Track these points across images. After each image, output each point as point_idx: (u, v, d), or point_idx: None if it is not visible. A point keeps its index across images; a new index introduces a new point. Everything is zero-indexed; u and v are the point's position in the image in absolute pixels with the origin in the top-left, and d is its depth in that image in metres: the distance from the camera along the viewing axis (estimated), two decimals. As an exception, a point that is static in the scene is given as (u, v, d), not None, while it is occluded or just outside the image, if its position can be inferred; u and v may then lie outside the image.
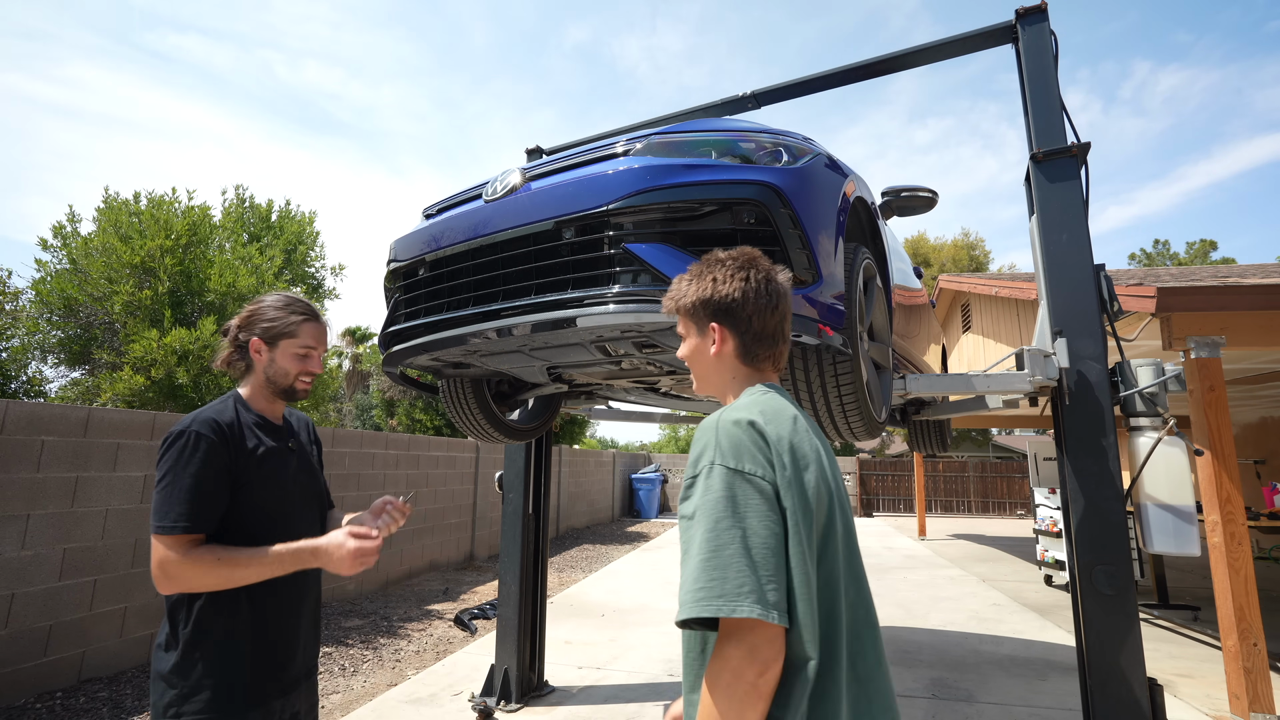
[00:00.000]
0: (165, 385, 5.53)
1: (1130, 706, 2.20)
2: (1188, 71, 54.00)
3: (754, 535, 0.87)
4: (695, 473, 0.94)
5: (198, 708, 1.29)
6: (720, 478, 0.91)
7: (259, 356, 1.51)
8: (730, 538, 0.86)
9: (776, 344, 1.12)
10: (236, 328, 1.53)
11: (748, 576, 0.84)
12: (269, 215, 9.52)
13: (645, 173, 1.76)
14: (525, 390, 3.15)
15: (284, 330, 1.51)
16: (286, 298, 1.57)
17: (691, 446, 1.00)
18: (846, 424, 2.04)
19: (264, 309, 1.54)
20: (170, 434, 1.35)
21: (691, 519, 0.91)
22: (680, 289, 1.15)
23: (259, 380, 1.52)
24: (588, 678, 4.10)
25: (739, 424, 0.96)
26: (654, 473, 16.09)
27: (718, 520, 0.88)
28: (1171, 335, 3.84)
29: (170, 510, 1.29)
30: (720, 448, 0.93)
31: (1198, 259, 27.76)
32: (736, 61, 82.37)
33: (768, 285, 1.10)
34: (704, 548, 0.86)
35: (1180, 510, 2.26)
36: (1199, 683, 4.11)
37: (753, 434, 0.94)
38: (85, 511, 3.77)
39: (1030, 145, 2.67)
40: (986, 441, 24.59)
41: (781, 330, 1.13)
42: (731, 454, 0.92)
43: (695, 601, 0.84)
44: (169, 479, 1.31)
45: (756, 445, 0.93)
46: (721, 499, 0.89)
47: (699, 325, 1.13)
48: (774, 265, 1.15)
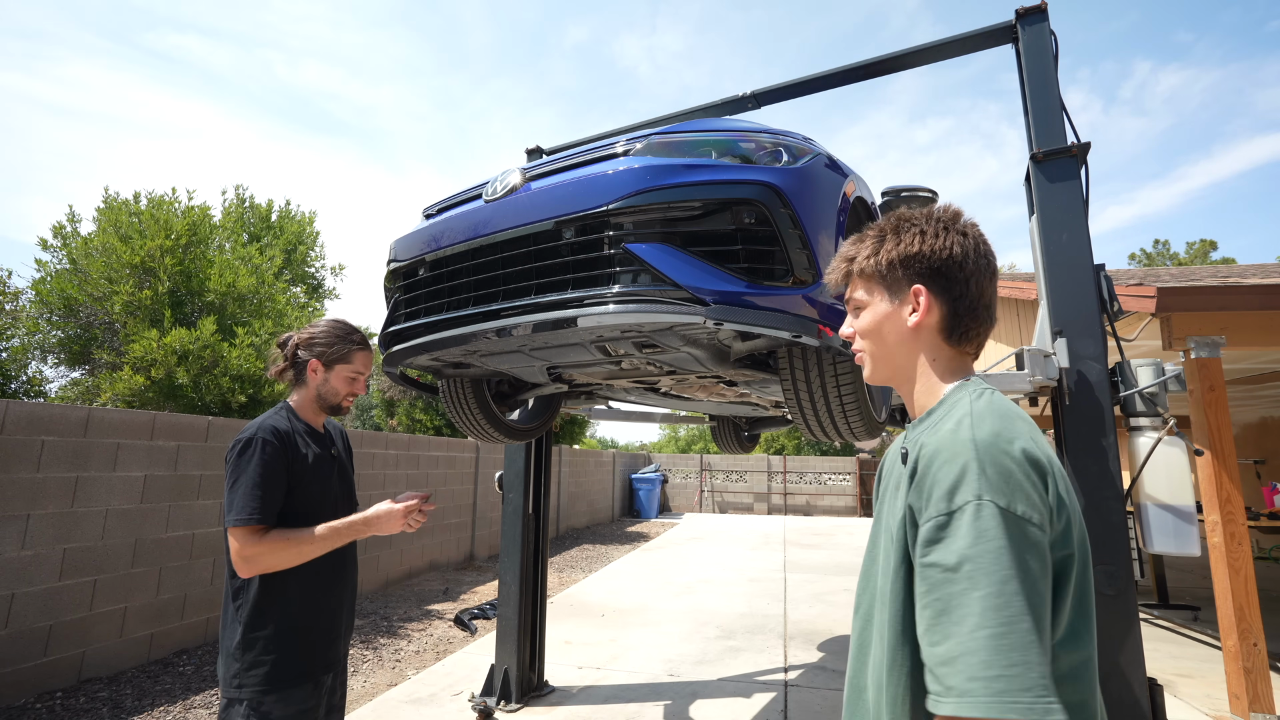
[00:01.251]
0: (165, 385, 5.53)
1: (1130, 706, 2.20)
2: (1188, 71, 54.11)
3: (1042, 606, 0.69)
4: (954, 508, 0.73)
5: (257, 679, 1.49)
6: (995, 521, 0.70)
7: (314, 375, 1.72)
8: (1022, 608, 0.67)
9: (988, 322, 0.91)
10: (296, 346, 1.72)
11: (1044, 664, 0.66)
12: (269, 215, 9.53)
13: (645, 173, 1.76)
14: (525, 390, 3.15)
15: (341, 357, 1.72)
16: (346, 326, 1.77)
17: (933, 468, 0.77)
18: (847, 424, 2.04)
19: (325, 334, 1.73)
20: (239, 440, 1.55)
21: (955, 572, 0.70)
22: (863, 248, 0.94)
23: (310, 395, 1.73)
24: (588, 678, 4.10)
25: (1011, 450, 0.75)
26: (654, 473, 16.09)
27: (1004, 581, 0.68)
28: (1171, 335, 3.84)
29: (244, 506, 1.49)
30: (988, 478, 0.72)
31: (1198, 259, 27.77)
32: (737, 61, 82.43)
33: (985, 246, 0.90)
34: (992, 618, 0.67)
35: (1180, 510, 2.26)
36: (1199, 683, 4.11)
37: (1024, 464, 0.74)
38: (85, 511, 3.77)
39: (1030, 145, 2.67)
40: (986, 441, 24.55)
41: (994, 305, 0.91)
42: (1004, 490, 0.72)
43: (993, 696, 0.64)
44: (241, 479, 1.51)
45: (1030, 479, 0.73)
46: (1003, 550, 0.69)
47: (893, 289, 0.91)
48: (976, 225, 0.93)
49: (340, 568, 1.69)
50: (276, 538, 1.51)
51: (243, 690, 1.49)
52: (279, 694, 1.50)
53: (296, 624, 1.56)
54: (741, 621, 5.58)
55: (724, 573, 7.99)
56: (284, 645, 1.53)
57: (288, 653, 1.53)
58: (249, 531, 1.49)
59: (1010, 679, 0.64)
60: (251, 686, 1.49)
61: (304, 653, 1.57)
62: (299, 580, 1.57)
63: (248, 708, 1.49)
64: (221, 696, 1.53)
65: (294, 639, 1.55)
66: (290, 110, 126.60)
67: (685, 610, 5.97)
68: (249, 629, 1.51)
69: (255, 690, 1.49)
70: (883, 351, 0.94)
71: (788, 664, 4.42)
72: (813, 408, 2.02)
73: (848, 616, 5.80)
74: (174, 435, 4.37)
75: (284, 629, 1.54)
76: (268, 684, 1.49)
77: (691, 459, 18.44)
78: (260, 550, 1.48)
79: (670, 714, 3.52)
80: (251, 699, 1.49)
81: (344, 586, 1.70)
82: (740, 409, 3.99)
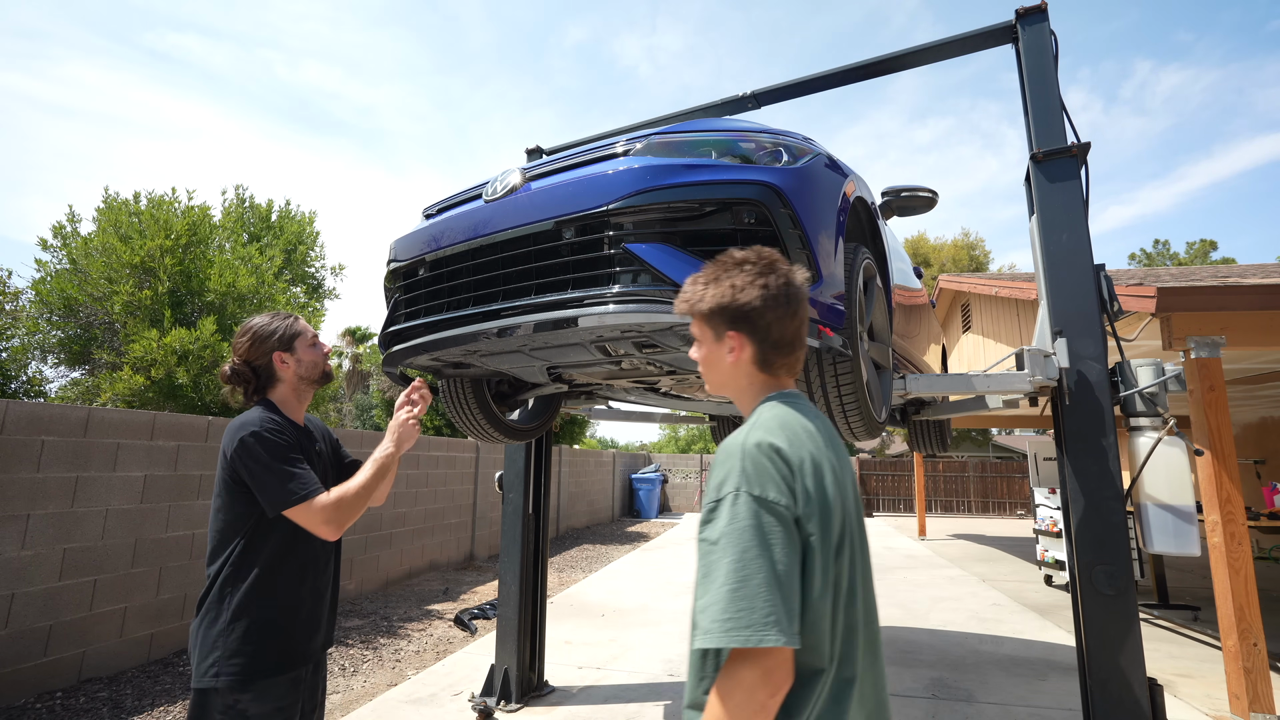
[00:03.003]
0: (165, 385, 5.53)
1: (1130, 706, 2.20)
2: (1189, 71, 54.03)
3: (779, 565, 0.89)
4: (719, 497, 0.95)
5: (235, 669, 1.49)
6: (746, 506, 0.92)
7: (285, 366, 1.72)
8: (757, 568, 0.88)
9: (794, 350, 1.11)
10: (244, 360, 1.71)
11: (774, 606, 0.86)
12: (269, 215, 9.53)
13: (645, 173, 1.76)
14: (525, 390, 3.15)
15: (290, 332, 1.74)
16: (266, 314, 1.77)
17: (714, 467, 1.00)
18: (846, 424, 2.04)
19: (261, 327, 1.72)
20: (244, 435, 1.55)
21: (715, 544, 0.92)
22: (696, 292, 1.13)
23: (290, 384, 1.74)
24: (588, 678, 4.10)
25: (762, 448, 0.96)
26: (654, 473, 16.09)
27: (744, 550, 0.89)
28: (1171, 335, 3.84)
29: (300, 481, 1.55)
30: (746, 474, 0.94)
31: (1198, 259, 27.76)
32: (737, 61, 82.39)
33: (787, 290, 1.08)
34: (731, 577, 0.88)
35: (1180, 510, 2.26)
36: (1199, 683, 4.11)
37: (777, 460, 0.95)
38: (85, 511, 3.77)
39: (1030, 145, 2.67)
40: (986, 441, 24.59)
41: (799, 336, 1.11)
42: (757, 481, 0.94)
43: (724, 631, 0.86)
44: (275, 464, 1.54)
45: (780, 472, 0.95)
46: (748, 528, 0.91)
47: (715, 331, 1.11)
48: (793, 267, 1.12)
49: (324, 561, 1.71)
50: (337, 494, 1.58)
51: (220, 679, 1.47)
52: (257, 685, 1.50)
53: (278, 615, 1.57)
54: (741, 621, 5.58)
55: (724, 573, 7.99)
56: (264, 636, 1.53)
57: (268, 643, 1.53)
58: (313, 502, 1.54)
59: (737, 619, 0.86)
60: (229, 676, 1.48)
61: (284, 644, 1.57)
62: (285, 572, 1.59)
63: (223, 699, 1.48)
64: (193, 687, 1.50)
65: (276, 630, 1.55)
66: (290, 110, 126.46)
67: (685, 610, 5.97)
68: (234, 618, 1.51)
69: (232, 679, 1.48)
70: (716, 377, 1.16)
71: (788, 664, 4.41)
72: (813, 408, 2.02)
73: (848, 616, 5.80)
74: (174, 435, 4.37)
75: (266, 620, 1.54)
76: (246, 674, 1.49)
77: (691, 459, 18.44)
78: (337, 510, 1.56)
79: (670, 714, 3.52)
80: (227, 688, 1.48)
81: (326, 579, 1.73)
82: (740, 409, 3.99)
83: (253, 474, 1.54)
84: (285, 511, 1.54)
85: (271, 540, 1.58)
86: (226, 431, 1.60)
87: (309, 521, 1.55)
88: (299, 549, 1.62)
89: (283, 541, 1.59)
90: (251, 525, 1.57)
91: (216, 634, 1.50)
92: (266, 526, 1.58)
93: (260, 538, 1.57)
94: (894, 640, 5.04)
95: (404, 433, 1.76)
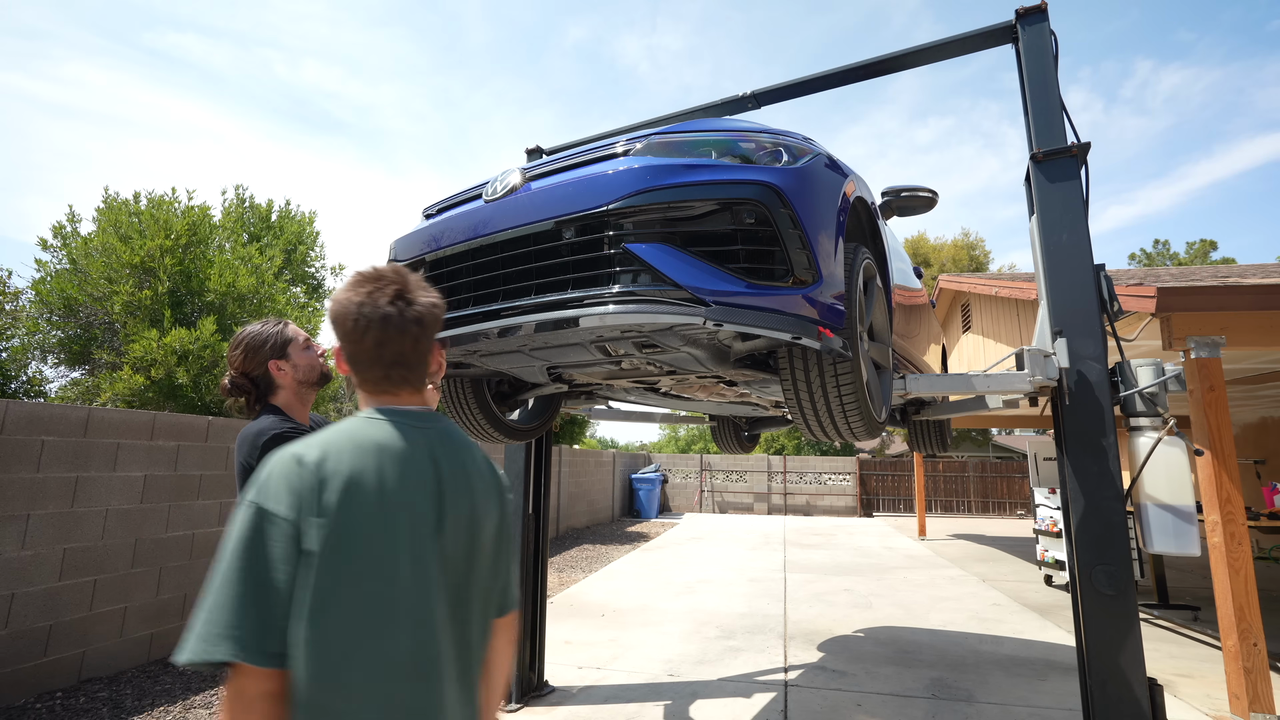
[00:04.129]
0: (165, 385, 5.53)
1: (1130, 706, 2.20)
2: (1189, 70, 53.97)
3: (263, 579, 0.86)
4: (241, 503, 0.93)
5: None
6: (246, 514, 0.90)
7: (282, 373, 1.74)
8: (232, 581, 0.86)
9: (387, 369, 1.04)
10: (240, 371, 1.71)
11: (240, 619, 0.84)
12: (269, 215, 9.53)
13: (645, 173, 1.76)
14: (525, 390, 3.15)
15: (282, 339, 1.75)
16: (257, 323, 1.78)
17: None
18: (847, 424, 2.04)
19: (253, 338, 1.73)
20: (277, 434, 1.57)
21: (221, 553, 0.90)
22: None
23: (291, 390, 1.75)
24: (588, 678, 4.10)
25: (285, 457, 0.94)
26: (654, 473, 16.09)
27: (231, 562, 0.87)
28: (1171, 335, 3.84)
29: None
30: (259, 480, 0.92)
31: (1198, 259, 27.76)
32: (737, 60, 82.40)
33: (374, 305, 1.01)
34: (214, 588, 0.86)
35: (1180, 510, 2.26)
36: (1199, 683, 4.11)
37: (298, 470, 0.92)
38: (85, 511, 3.77)
39: (1030, 145, 2.67)
40: (986, 441, 24.59)
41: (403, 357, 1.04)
42: (267, 489, 0.91)
43: (188, 647, 0.84)
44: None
45: (291, 483, 0.91)
46: (240, 537, 0.88)
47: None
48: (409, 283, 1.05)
49: None
50: None
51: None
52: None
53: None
54: (741, 621, 5.58)
55: (724, 573, 8.00)
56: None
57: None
58: None
59: (201, 634, 0.83)
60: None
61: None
62: None
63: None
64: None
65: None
66: (289, 109, 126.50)
67: (685, 610, 5.97)
68: None
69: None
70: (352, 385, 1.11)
71: (788, 664, 4.42)
72: (813, 408, 2.02)
73: (848, 616, 5.80)
74: (174, 435, 4.37)
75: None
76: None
77: (691, 459, 18.44)
78: None
79: (670, 714, 3.52)
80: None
81: None
82: (740, 409, 3.99)
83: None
84: None
85: None
86: (240, 443, 1.61)
87: None
88: None
89: None
90: None
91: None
92: None
93: None
94: (894, 640, 5.04)
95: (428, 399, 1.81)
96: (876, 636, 5.15)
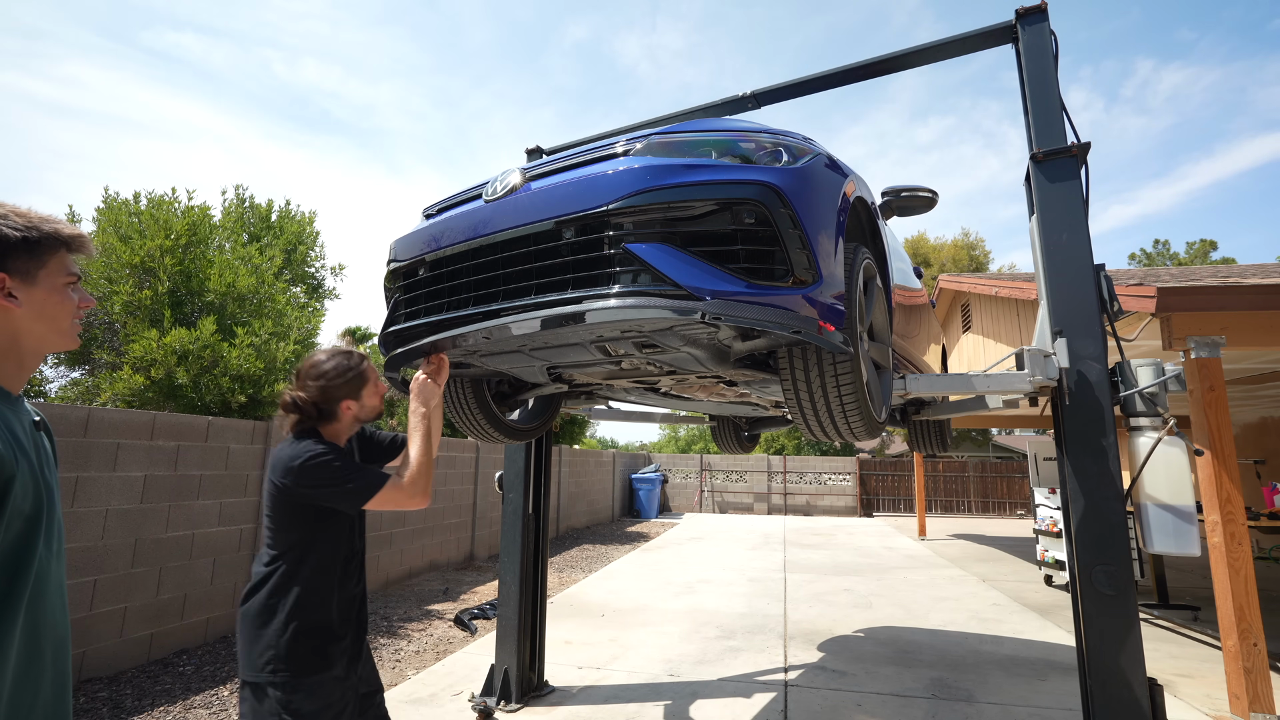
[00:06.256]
0: (165, 385, 5.52)
1: (1130, 706, 2.20)
2: (1190, 70, 53.90)
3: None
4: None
5: (289, 669, 1.59)
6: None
7: (349, 410, 1.82)
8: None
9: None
10: (315, 403, 1.77)
11: None
12: (269, 215, 9.52)
13: (645, 173, 1.76)
14: (525, 390, 3.15)
15: (361, 380, 1.83)
16: (336, 353, 1.83)
17: None
18: (847, 424, 2.04)
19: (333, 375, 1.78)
20: (311, 456, 1.64)
21: None
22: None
23: (346, 426, 1.82)
24: (588, 678, 4.10)
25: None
26: (654, 473, 16.09)
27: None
28: (1171, 335, 3.84)
29: (371, 476, 1.67)
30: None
31: (1198, 259, 27.76)
32: (737, 59, 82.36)
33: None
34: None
35: (1180, 510, 2.26)
36: (1199, 683, 4.11)
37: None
38: (85, 511, 3.77)
39: (1030, 145, 2.67)
40: (986, 441, 24.59)
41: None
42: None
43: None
44: (341, 476, 1.65)
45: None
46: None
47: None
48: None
49: (358, 565, 1.82)
50: (404, 468, 1.72)
51: (276, 676, 1.58)
52: (308, 684, 1.61)
53: (325, 618, 1.67)
54: (741, 621, 5.58)
55: (724, 573, 7.99)
56: (314, 638, 1.64)
57: (316, 644, 1.64)
58: (390, 483, 1.67)
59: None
60: (284, 674, 1.58)
61: (330, 645, 1.67)
62: (330, 579, 1.70)
63: (277, 696, 1.58)
64: (247, 680, 1.61)
65: (323, 632, 1.66)
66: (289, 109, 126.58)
67: (685, 610, 5.97)
68: (288, 621, 1.62)
69: (287, 678, 1.58)
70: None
71: (788, 664, 4.42)
72: (813, 408, 2.02)
73: (849, 616, 5.80)
74: (174, 435, 4.37)
75: (315, 622, 1.65)
76: (299, 674, 1.60)
77: (691, 459, 18.44)
78: (416, 474, 1.71)
79: (670, 714, 3.52)
80: (282, 685, 1.58)
81: (362, 578, 1.84)
82: (740, 409, 3.99)
83: (322, 493, 1.65)
84: (371, 503, 1.66)
85: (320, 551, 1.70)
86: (275, 463, 1.68)
87: (398, 500, 1.67)
88: (341, 556, 1.74)
89: (329, 552, 1.71)
90: (306, 540, 1.69)
91: (271, 634, 1.61)
92: (317, 540, 1.69)
93: (311, 551, 1.69)
94: (894, 640, 5.04)
95: (422, 390, 1.89)
96: (876, 636, 5.15)
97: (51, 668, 0.98)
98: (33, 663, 0.95)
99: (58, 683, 0.99)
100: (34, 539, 0.96)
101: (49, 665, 0.98)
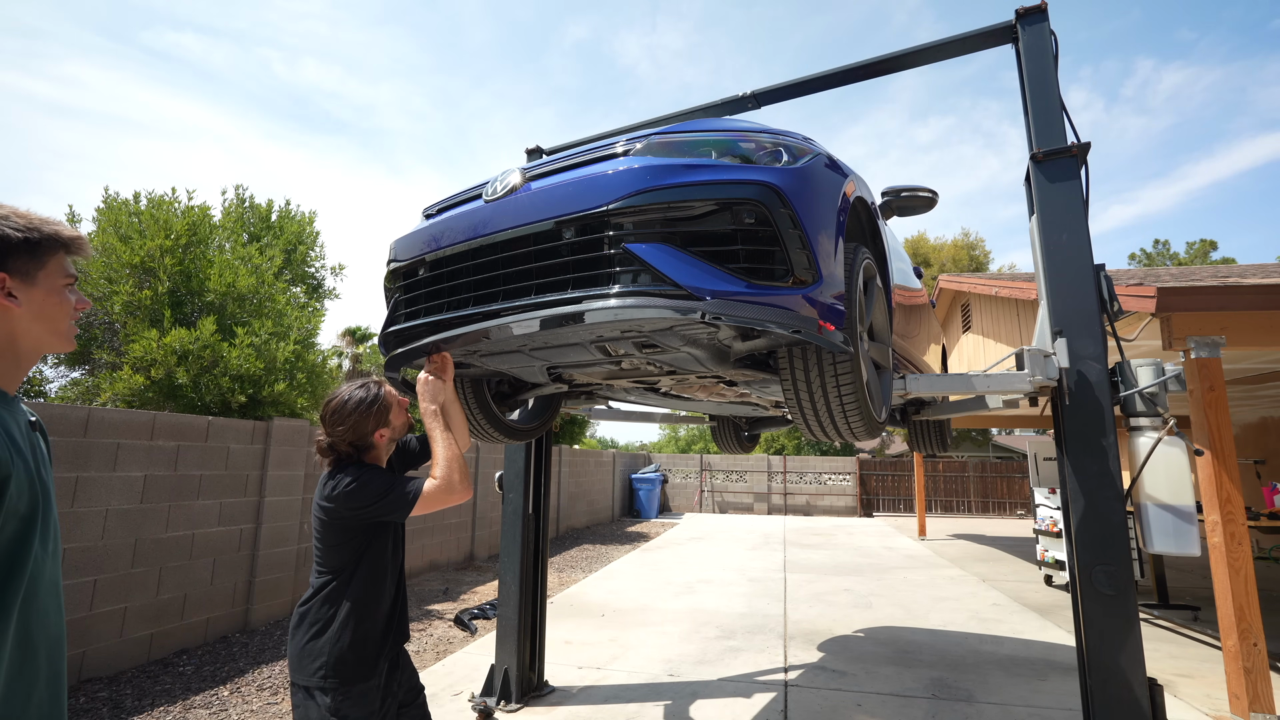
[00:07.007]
0: (165, 385, 5.52)
1: (1130, 706, 2.20)
2: (1191, 69, 53.90)
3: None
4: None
5: (339, 676, 1.69)
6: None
7: (383, 437, 1.88)
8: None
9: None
10: (350, 442, 1.83)
11: None
12: (269, 215, 9.52)
13: (645, 173, 1.76)
14: (525, 390, 3.15)
15: (384, 407, 1.88)
16: (353, 388, 1.89)
17: None
18: (847, 424, 2.04)
19: (358, 415, 1.83)
20: (351, 482, 1.74)
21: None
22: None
23: (383, 448, 1.90)
24: (588, 678, 4.10)
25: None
26: (654, 473, 16.09)
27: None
28: (1171, 335, 3.84)
29: (406, 484, 1.76)
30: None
31: (1198, 259, 27.76)
32: (738, 59, 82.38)
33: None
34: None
35: (1180, 510, 2.26)
36: (1199, 683, 4.11)
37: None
38: (85, 511, 3.77)
39: (1030, 145, 2.67)
40: (986, 441, 24.59)
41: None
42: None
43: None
44: (384, 490, 1.75)
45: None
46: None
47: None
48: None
49: (397, 575, 1.90)
50: (435, 470, 1.80)
51: (327, 682, 1.67)
52: (355, 690, 1.70)
53: (373, 628, 1.76)
54: (741, 621, 5.58)
55: (724, 573, 7.99)
56: (362, 647, 1.73)
57: (364, 653, 1.73)
58: (425, 488, 1.76)
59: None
60: (335, 680, 1.68)
61: (376, 653, 1.76)
62: (377, 591, 1.79)
63: (327, 701, 1.67)
64: (300, 684, 1.71)
65: (372, 642, 1.75)
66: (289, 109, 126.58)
67: (685, 610, 5.97)
68: (340, 630, 1.71)
69: (337, 684, 1.68)
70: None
71: (788, 664, 4.42)
72: (813, 408, 2.02)
73: (848, 616, 5.80)
74: (174, 435, 4.37)
75: (364, 633, 1.74)
76: (348, 681, 1.69)
77: (691, 459, 18.44)
78: (450, 470, 1.79)
79: (670, 714, 3.52)
80: (333, 691, 1.67)
81: (402, 588, 1.92)
82: (740, 409, 3.99)
83: (369, 512, 1.73)
84: (418, 508, 1.74)
85: (367, 565, 1.78)
86: (320, 494, 1.78)
87: (441, 499, 1.76)
88: (386, 569, 1.82)
89: (377, 565, 1.80)
90: (355, 558, 1.77)
91: (324, 644, 1.71)
92: (364, 556, 1.78)
93: (361, 566, 1.77)
94: (894, 640, 5.04)
95: (426, 388, 1.97)
96: (876, 636, 5.15)
97: (46, 668, 0.98)
98: (27, 663, 0.94)
99: (52, 683, 0.99)
100: (29, 539, 0.95)
101: (43, 665, 0.97)
